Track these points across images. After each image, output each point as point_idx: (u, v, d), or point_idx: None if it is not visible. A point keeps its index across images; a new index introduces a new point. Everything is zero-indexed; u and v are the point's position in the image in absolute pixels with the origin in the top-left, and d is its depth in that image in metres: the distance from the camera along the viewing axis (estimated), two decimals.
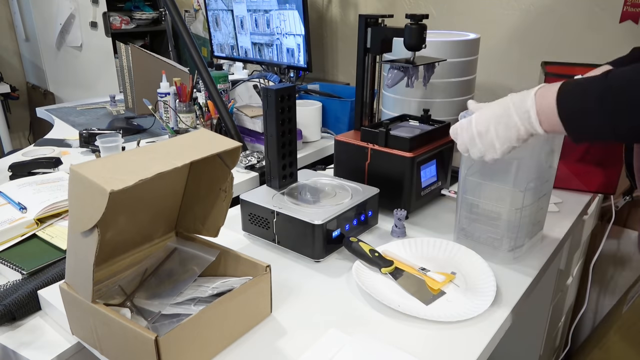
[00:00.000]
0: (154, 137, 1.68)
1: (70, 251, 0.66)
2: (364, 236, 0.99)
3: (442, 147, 1.09)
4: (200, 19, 2.78)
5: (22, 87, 3.31)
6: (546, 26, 1.57)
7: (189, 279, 0.75)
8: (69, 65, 3.00)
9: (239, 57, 2.21)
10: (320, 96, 1.72)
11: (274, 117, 0.93)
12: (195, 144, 0.69)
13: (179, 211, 0.82)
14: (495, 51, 1.68)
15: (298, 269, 0.89)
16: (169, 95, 1.65)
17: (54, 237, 0.95)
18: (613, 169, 1.15)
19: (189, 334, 0.62)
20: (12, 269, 0.85)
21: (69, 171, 0.60)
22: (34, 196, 1.07)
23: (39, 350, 0.70)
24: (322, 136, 1.67)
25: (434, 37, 1.30)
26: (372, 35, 1.10)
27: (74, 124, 1.86)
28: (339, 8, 2.13)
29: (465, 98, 1.35)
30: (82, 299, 0.65)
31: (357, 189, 0.99)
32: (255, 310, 0.73)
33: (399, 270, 0.85)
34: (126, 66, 1.95)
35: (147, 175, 0.58)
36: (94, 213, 0.57)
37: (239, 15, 2.09)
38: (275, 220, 0.92)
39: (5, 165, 1.31)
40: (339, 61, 2.22)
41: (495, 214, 0.88)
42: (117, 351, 0.65)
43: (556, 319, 1.39)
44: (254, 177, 1.34)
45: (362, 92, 1.17)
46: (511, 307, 0.78)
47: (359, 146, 1.07)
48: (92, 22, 2.94)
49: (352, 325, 0.74)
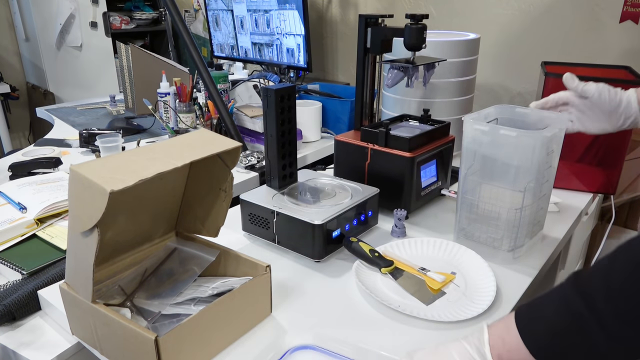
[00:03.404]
0: (154, 137, 1.68)
1: (70, 251, 0.66)
2: (364, 236, 0.99)
3: (442, 147, 1.09)
4: (200, 19, 2.78)
5: (22, 87, 3.31)
6: (546, 26, 1.58)
7: (189, 279, 0.75)
8: (69, 65, 3.00)
9: (239, 57, 2.21)
10: (320, 96, 1.72)
11: (274, 117, 0.93)
12: (195, 144, 0.69)
13: (179, 211, 0.82)
14: (495, 51, 1.69)
15: (298, 269, 0.89)
16: (169, 95, 1.65)
17: (54, 237, 0.95)
18: (613, 169, 1.15)
19: (189, 334, 0.62)
20: (12, 269, 0.85)
21: (69, 171, 0.60)
22: (34, 196, 1.07)
23: (39, 350, 0.70)
24: (322, 136, 1.67)
25: (434, 37, 1.30)
26: (372, 35, 1.10)
27: (74, 124, 1.86)
28: (339, 8, 2.13)
29: (465, 98, 1.35)
30: (82, 299, 0.65)
31: (357, 189, 0.99)
32: (255, 310, 0.73)
33: (399, 270, 0.85)
34: (126, 66, 1.95)
35: (147, 175, 0.58)
36: (94, 213, 0.57)
37: (239, 15, 2.09)
38: (275, 220, 0.92)
39: (5, 165, 1.31)
40: (339, 61, 2.22)
41: (495, 214, 0.88)
42: (117, 351, 0.65)
43: None
44: (254, 177, 1.34)
45: (362, 92, 1.17)
46: (511, 307, 0.78)
47: (359, 146, 1.07)
48: (92, 22, 2.94)
49: (352, 325, 0.74)
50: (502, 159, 0.86)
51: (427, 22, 1.04)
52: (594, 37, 1.49)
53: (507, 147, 0.83)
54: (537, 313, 0.52)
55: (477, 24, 1.71)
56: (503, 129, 0.83)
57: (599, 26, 1.47)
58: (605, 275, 0.48)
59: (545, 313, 0.51)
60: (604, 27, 1.47)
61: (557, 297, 0.51)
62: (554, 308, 0.51)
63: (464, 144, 0.90)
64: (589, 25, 1.49)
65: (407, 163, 1.00)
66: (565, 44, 1.55)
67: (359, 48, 1.13)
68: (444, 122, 1.12)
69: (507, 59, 1.68)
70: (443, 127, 1.11)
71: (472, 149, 0.89)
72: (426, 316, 0.74)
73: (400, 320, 0.74)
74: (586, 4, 1.48)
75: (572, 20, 1.52)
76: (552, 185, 0.93)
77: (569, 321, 0.49)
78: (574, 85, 0.90)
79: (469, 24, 1.74)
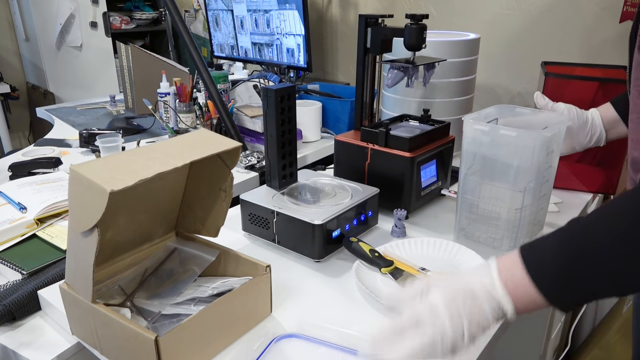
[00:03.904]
0: (154, 137, 1.68)
1: (70, 251, 0.66)
2: (364, 236, 0.99)
3: (442, 147, 1.09)
4: (200, 19, 2.78)
5: (22, 87, 3.31)
6: (546, 26, 1.58)
7: (189, 279, 0.75)
8: (69, 65, 3.00)
9: (239, 57, 2.21)
10: (320, 96, 1.72)
11: (274, 117, 0.93)
12: (195, 144, 0.69)
13: (179, 211, 0.82)
14: (495, 51, 1.69)
15: (298, 269, 0.89)
16: (169, 95, 1.65)
17: (54, 237, 0.95)
18: (613, 169, 1.15)
19: (189, 334, 0.62)
20: (12, 269, 0.85)
21: (69, 171, 0.60)
22: (34, 196, 1.07)
23: (39, 350, 0.70)
24: (322, 136, 1.67)
25: (434, 37, 1.30)
26: (372, 35, 1.10)
27: (74, 124, 1.86)
28: (339, 8, 2.13)
29: (465, 98, 1.35)
30: (82, 299, 0.65)
31: (357, 189, 0.99)
32: (255, 310, 0.73)
33: (399, 270, 0.85)
34: (126, 66, 1.95)
35: (147, 175, 0.58)
36: (94, 213, 0.57)
37: (239, 15, 2.09)
38: (275, 220, 0.92)
39: (5, 165, 1.31)
40: (339, 61, 2.22)
41: (495, 214, 0.88)
42: (117, 351, 0.65)
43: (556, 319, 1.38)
44: (254, 177, 1.34)
45: (362, 92, 1.17)
46: None
47: (359, 146, 1.07)
48: (92, 22, 2.94)
49: (352, 325, 0.74)
50: (502, 159, 0.86)
51: (427, 22, 1.04)
52: (594, 37, 1.49)
53: (507, 147, 0.83)
54: (539, 241, 0.54)
55: (477, 24, 1.71)
56: (503, 129, 0.83)
57: (599, 26, 1.47)
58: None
59: (546, 241, 0.53)
60: (604, 27, 1.47)
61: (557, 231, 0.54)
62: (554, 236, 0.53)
63: (464, 144, 0.90)
64: (589, 25, 1.49)
65: (407, 163, 1.00)
66: (565, 44, 1.55)
67: (359, 48, 1.13)
68: (444, 122, 1.12)
69: (507, 59, 1.68)
70: (443, 127, 1.11)
71: (472, 149, 0.89)
72: None
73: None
74: (586, 4, 1.48)
75: (572, 20, 1.52)
76: (552, 185, 0.93)
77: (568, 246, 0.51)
78: (544, 103, 0.93)
79: (469, 24, 1.74)
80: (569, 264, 0.50)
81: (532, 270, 0.52)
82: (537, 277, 0.51)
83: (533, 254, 0.53)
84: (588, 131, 0.94)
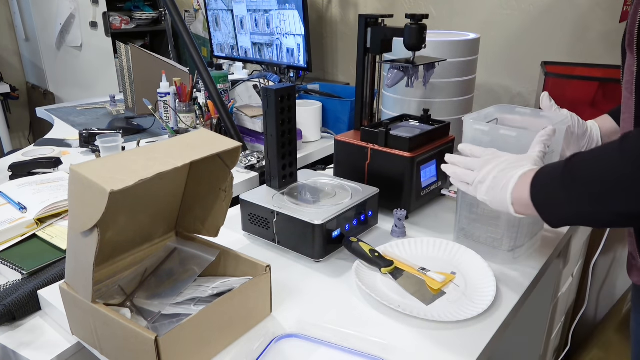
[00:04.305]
0: (154, 137, 1.68)
1: (70, 251, 0.66)
2: (364, 236, 0.99)
3: (442, 147, 1.09)
4: (200, 19, 2.78)
5: (22, 87, 3.31)
6: (546, 26, 1.58)
7: (189, 279, 0.75)
8: (69, 65, 3.00)
9: (239, 57, 2.21)
10: (320, 96, 1.72)
11: (274, 117, 0.93)
12: (195, 144, 0.69)
13: (179, 211, 0.82)
14: (495, 51, 1.69)
15: (298, 269, 0.89)
16: (169, 95, 1.65)
17: (54, 237, 0.95)
18: None
19: (189, 334, 0.62)
20: (12, 269, 0.85)
21: (69, 171, 0.60)
22: (34, 196, 1.07)
23: (39, 350, 0.70)
24: (322, 136, 1.67)
25: (434, 37, 1.30)
26: (372, 35, 1.10)
27: (74, 124, 1.86)
28: (339, 8, 2.13)
29: (465, 98, 1.35)
30: (82, 299, 0.65)
31: (357, 189, 0.99)
32: (255, 310, 0.73)
33: (399, 270, 0.85)
34: (126, 66, 1.95)
35: (147, 175, 0.58)
36: (94, 213, 0.57)
37: (239, 15, 2.09)
38: (275, 220, 0.92)
39: (5, 165, 1.31)
40: (339, 61, 2.22)
41: (495, 214, 0.88)
42: (117, 351, 0.65)
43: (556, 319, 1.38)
44: (254, 177, 1.34)
45: (362, 92, 1.17)
46: (511, 307, 0.78)
47: (359, 146, 1.07)
48: (92, 22, 2.94)
49: (352, 325, 0.74)
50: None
51: (427, 22, 1.04)
52: (594, 37, 1.49)
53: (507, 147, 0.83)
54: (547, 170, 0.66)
55: (477, 24, 1.71)
56: (503, 129, 0.83)
57: (599, 26, 1.47)
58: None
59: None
60: (604, 27, 1.47)
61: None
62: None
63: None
64: (589, 25, 1.49)
65: (407, 163, 1.00)
66: (565, 44, 1.55)
67: (359, 48, 1.13)
68: (444, 122, 1.12)
69: (507, 59, 1.68)
70: (443, 127, 1.11)
71: None
72: (426, 316, 0.74)
73: (400, 320, 0.74)
74: (586, 4, 1.48)
75: (572, 20, 1.52)
76: None
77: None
78: (549, 105, 0.93)
79: (469, 24, 1.74)
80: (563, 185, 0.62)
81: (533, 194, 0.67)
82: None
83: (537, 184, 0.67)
84: (586, 142, 0.96)
